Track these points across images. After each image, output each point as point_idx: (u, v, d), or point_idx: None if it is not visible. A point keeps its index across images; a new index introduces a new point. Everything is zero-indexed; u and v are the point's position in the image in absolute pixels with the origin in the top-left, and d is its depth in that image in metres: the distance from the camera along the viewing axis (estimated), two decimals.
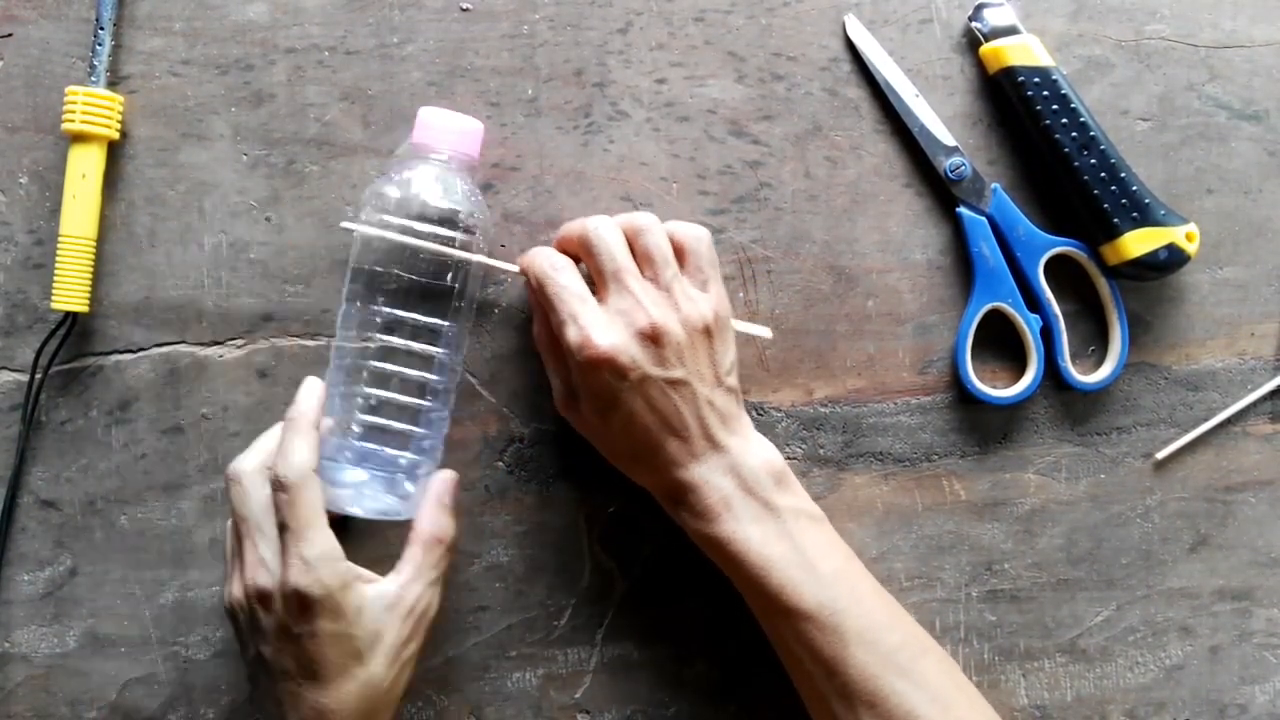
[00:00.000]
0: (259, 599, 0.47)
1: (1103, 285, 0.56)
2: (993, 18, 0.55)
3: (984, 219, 0.56)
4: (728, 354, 0.51)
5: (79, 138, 0.53)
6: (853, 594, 0.49)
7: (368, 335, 0.50)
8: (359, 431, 0.50)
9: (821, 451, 0.57)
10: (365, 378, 0.50)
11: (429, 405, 0.51)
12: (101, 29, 0.53)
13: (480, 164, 0.54)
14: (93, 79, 0.53)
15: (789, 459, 0.56)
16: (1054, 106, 0.54)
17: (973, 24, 0.56)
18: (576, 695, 0.56)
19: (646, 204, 0.56)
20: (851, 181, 0.57)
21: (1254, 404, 0.58)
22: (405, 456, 0.51)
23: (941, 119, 0.56)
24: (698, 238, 0.51)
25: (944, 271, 0.57)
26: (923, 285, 0.57)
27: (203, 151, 0.55)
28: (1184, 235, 0.54)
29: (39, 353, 0.54)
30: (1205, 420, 0.58)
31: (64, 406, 0.55)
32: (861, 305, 0.57)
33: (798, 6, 0.56)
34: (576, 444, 0.55)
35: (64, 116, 0.52)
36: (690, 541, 0.52)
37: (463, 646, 0.56)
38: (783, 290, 0.56)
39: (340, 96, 0.55)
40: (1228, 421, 0.58)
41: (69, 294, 0.52)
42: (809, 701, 0.51)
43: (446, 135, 0.51)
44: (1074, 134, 0.54)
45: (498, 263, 0.52)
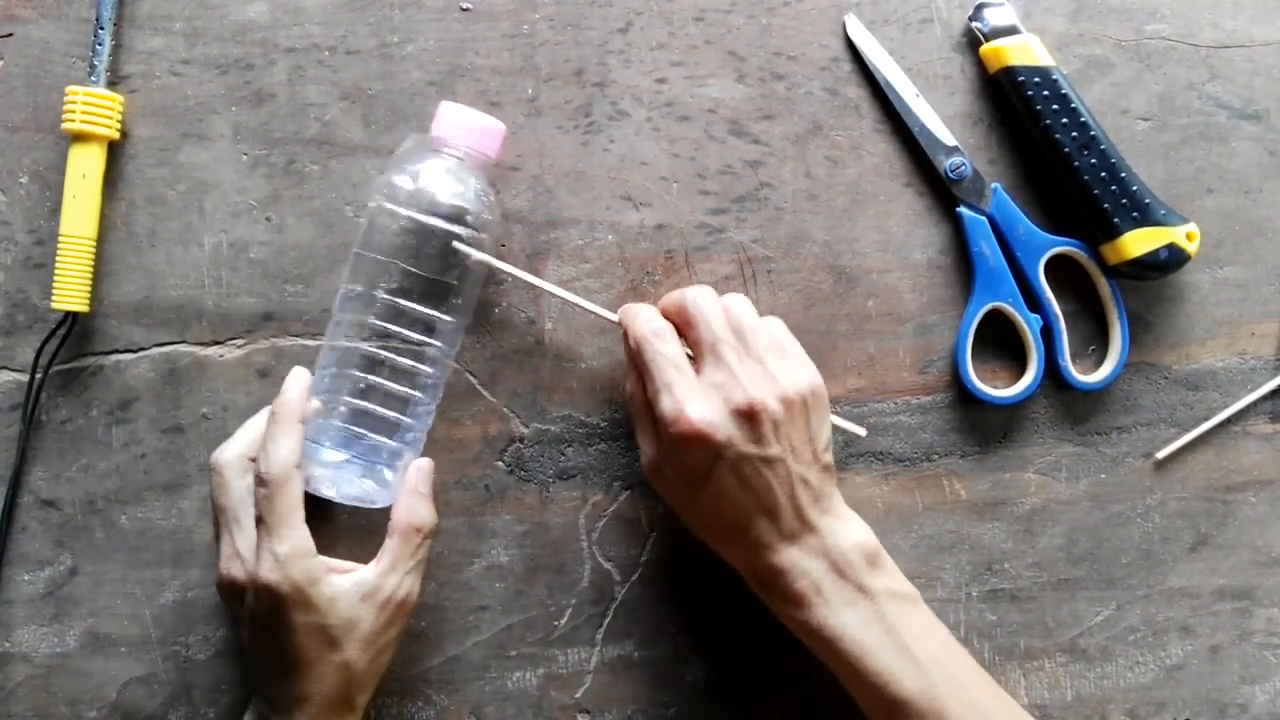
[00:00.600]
0: (232, 590, 0.49)
1: (1103, 285, 0.56)
2: (993, 17, 0.55)
3: (984, 219, 0.56)
4: (824, 429, 0.49)
5: (79, 137, 0.53)
6: (953, 680, 0.48)
7: (364, 321, 0.50)
8: (345, 414, 0.51)
9: None
10: (357, 362, 0.51)
11: (418, 396, 0.51)
12: (101, 29, 0.53)
13: (498, 164, 0.54)
14: (93, 79, 0.53)
15: None
16: (1054, 106, 0.54)
17: (973, 24, 0.56)
18: (576, 695, 0.56)
19: (646, 204, 0.56)
20: (852, 181, 0.57)
21: (1254, 404, 0.58)
22: (388, 445, 0.51)
23: (942, 119, 0.56)
24: (772, 321, 0.51)
25: (944, 271, 0.57)
26: (923, 285, 0.57)
27: (203, 151, 0.55)
28: (1184, 235, 0.54)
29: (39, 352, 0.54)
30: (1205, 420, 0.58)
31: (64, 406, 0.55)
32: (862, 305, 0.57)
33: (798, 6, 0.56)
34: (576, 444, 0.56)
35: (64, 116, 0.52)
36: (691, 541, 0.52)
37: (463, 646, 0.56)
38: (783, 290, 0.56)
39: (340, 96, 0.55)
40: (1228, 421, 0.58)
41: (69, 294, 0.52)
42: None
43: (464, 132, 0.51)
44: (1074, 134, 0.54)
45: (599, 309, 0.52)
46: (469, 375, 0.55)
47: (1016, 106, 0.56)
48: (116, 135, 0.53)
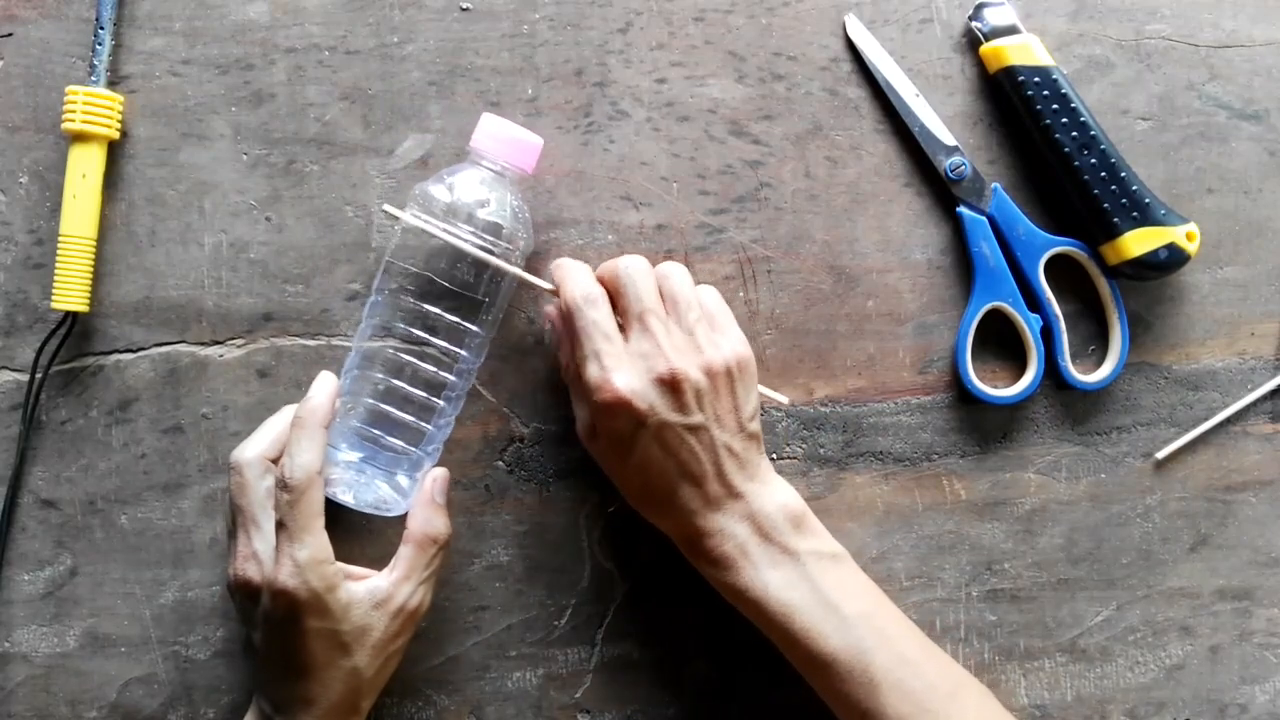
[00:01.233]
0: (246, 591, 0.48)
1: (1103, 285, 0.56)
2: (993, 17, 0.55)
3: (984, 219, 0.56)
4: (750, 399, 0.50)
5: (79, 137, 0.53)
6: (879, 633, 0.48)
7: (392, 327, 0.50)
8: (367, 420, 0.50)
9: (821, 451, 0.57)
10: (382, 368, 0.51)
11: (441, 406, 0.51)
12: (101, 29, 0.53)
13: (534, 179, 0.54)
14: (93, 79, 0.53)
15: (789, 458, 0.56)
16: (1054, 106, 0.54)
17: (973, 24, 0.56)
18: (576, 695, 0.56)
19: (646, 204, 0.56)
20: (851, 181, 0.57)
21: (1254, 404, 0.58)
22: (409, 453, 0.51)
23: (941, 119, 0.56)
24: (707, 290, 0.52)
25: (944, 271, 0.57)
26: (923, 285, 0.57)
27: (203, 151, 0.55)
28: (1184, 235, 0.54)
29: (39, 352, 0.54)
30: (1205, 420, 0.58)
31: (64, 406, 0.55)
32: (861, 305, 0.57)
33: (798, 6, 0.56)
34: (576, 444, 0.56)
35: (64, 116, 0.52)
36: None
37: (463, 646, 0.56)
38: (783, 290, 0.56)
39: (340, 96, 0.55)
40: (1228, 421, 0.58)
41: (69, 294, 0.52)
42: None
43: (504, 146, 0.51)
44: (1074, 134, 0.54)
45: (537, 280, 0.52)
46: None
47: (1016, 106, 0.55)
48: (116, 135, 0.53)
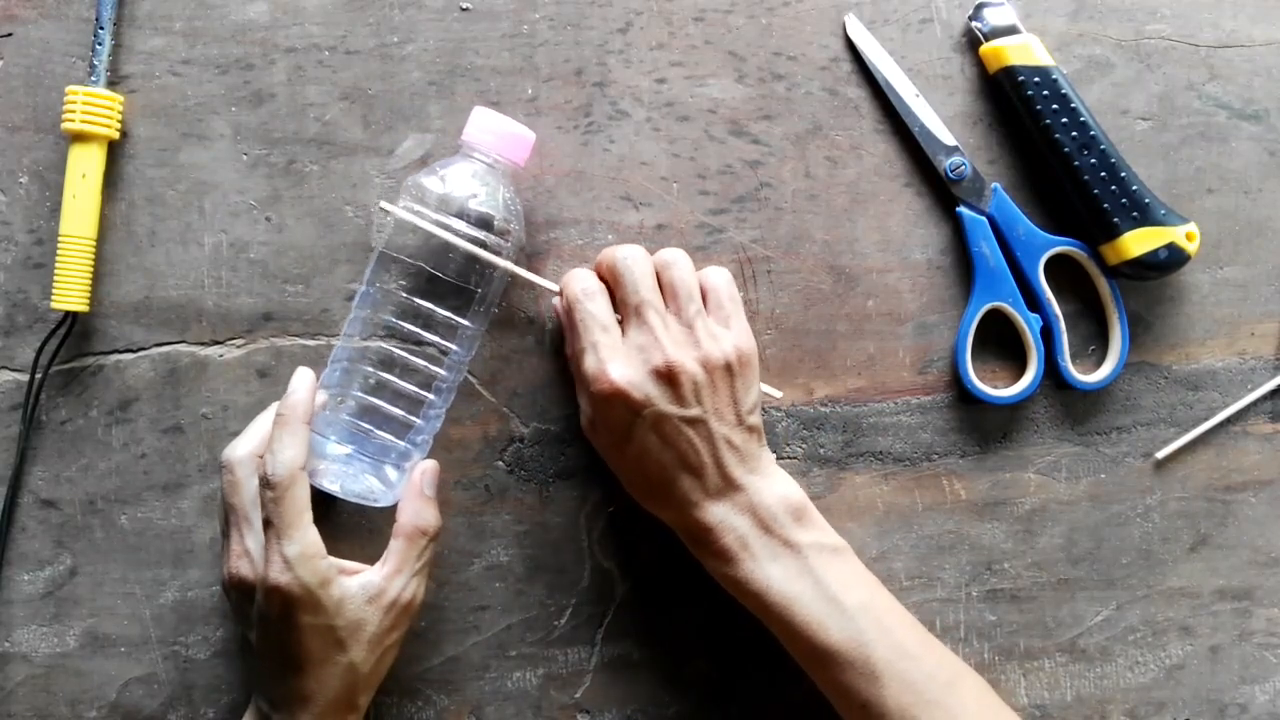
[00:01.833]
0: (240, 589, 0.49)
1: (1103, 285, 0.56)
2: (993, 17, 0.55)
3: (984, 219, 0.56)
4: (750, 392, 0.50)
5: (79, 137, 0.53)
6: (879, 625, 0.48)
7: (382, 319, 0.50)
8: (355, 410, 0.51)
9: (821, 451, 0.57)
10: (371, 359, 0.51)
11: (430, 399, 0.51)
12: (101, 29, 0.53)
13: (525, 173, 0.54)
14: (93, 79, 0.53)
15: (789, 458, 0.56)
16: (1054, 106, 0.54)
17: (973, 24, 0.56)
18: (576, 695, 0.56)
19: (646, 204, 0.56)
20: (851, 181, 0.57)
21: (1254, 404, 0.58)
22: (397, 445, 0.51)
23: (941, 119, 0.56)
24: (718, 273, 0.51)
25: (944, 271, 0.57)
26: (923, 285, 0.57)
27: (203, 151, 0.55)
28: (1184, 235, 0.54)
29: (39, 352, 0.54)
30: (1205, 420, 0.58)
31: (64, 406, 0.55)
32: (861, 305, 0.57)
33: (798, 6, 0.56)
34: (576, 444, 0.56)
35: (64, 116, 0.52)
36: None
37: (463, 646, 0.56)
38: (783, 290, 0.56)
39: (340, 96, 0.55)
40: (1228, 421, 0.58)
41: (69, 294, 0.52)
42: None
43: (496, 139, 0.51)
44: (1074, 134, 0.54)
45: (539, 280, 0.52)
46: (469, 375, 0.55)
47: (1016, 106, 0.55)
48: (116, 135, 0.53)
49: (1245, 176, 0.58)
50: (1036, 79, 0.54)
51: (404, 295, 0.50)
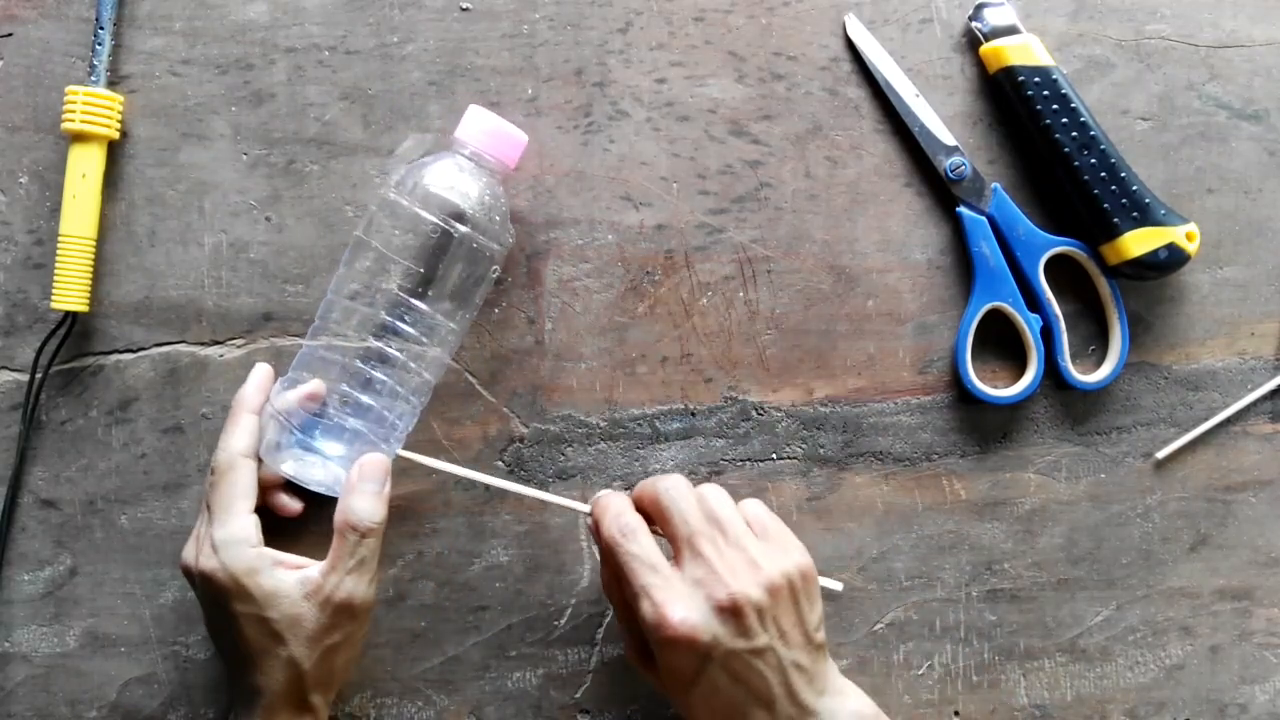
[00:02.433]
0: (187, 576, 0.50)
1: (1103, 285, 0.56)
2: (993, 17, 0.55)
3: (984, 219, 0.56)
4: (815, 609, 0.48)
5: (79, 137, 0.53)
6: None
7: (356, 309, 0.50)
8: (324, 399, 0.50)
9: (821, 451, 0.57)
10: (342, 349, 0.50)
11: (401, 391, 0.51)
12: (101, 29, 0.53)
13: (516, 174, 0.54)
14: (93, 79, 0.53)
15: (789, 458, 0.56)
16: (1054, 106, 0.54)
17: (973, 24, 0.56)
18: (576, 695, 0.56)
19: (646, 204, 0.56)
20: (851, 181, 0.57)
21: (1254, 404, 0.58)
22: (361, 434, 0.50)
23: (941, 119, 0.56)
24: (754, 502, 0.50)
25: (944, 271, 0.57)
26: (923, 285, 0.57)
27: (203, 151, 0.55)
28: (1184, 235, 0.54)
29: (39, 352, 0.54)
30: (1205, 420, 0.58)
31: (64, 406, 0.55)
32: (861, 305, 0.57)
33: (798, 6, 0.56)
34: (576, 444, 0.56)
35: (64, 116, 0.52)
36: None
37: (463, 646, 0.56)
38: (783, 290, 0.56)
39: (340, 96, 0.55)
40: (1228, 421, 0.58)
41: (69, 294, 0.52)
42: None
43: (487, 138, 0.51)
44: (1074, 134, 0.54)
45: (567, 502, 0.52)
46: (469, 375, 0.55)
47: (1016, 106, 0.55)
48: (116, 135, 0.53)
49: (1245, 176, 0.58)
50: (1036, 79, 0.54)
51: (379, 283, 0.50)
